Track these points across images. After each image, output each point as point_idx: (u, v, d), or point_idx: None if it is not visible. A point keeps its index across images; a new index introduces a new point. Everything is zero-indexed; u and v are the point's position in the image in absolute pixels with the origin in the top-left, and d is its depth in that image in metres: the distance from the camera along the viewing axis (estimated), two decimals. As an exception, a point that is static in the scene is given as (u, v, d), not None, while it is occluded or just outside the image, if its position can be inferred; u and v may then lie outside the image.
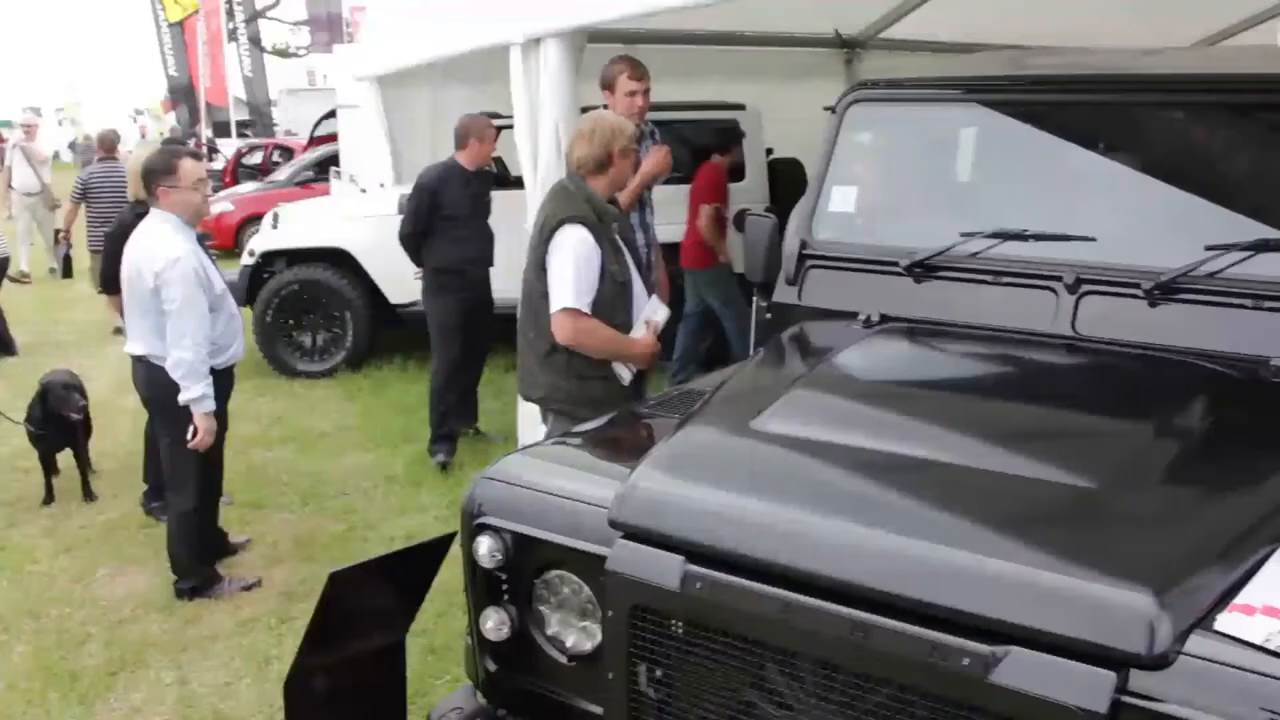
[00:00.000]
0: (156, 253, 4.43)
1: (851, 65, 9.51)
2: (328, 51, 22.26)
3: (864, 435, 2.33)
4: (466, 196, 6.52)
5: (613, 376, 3.98)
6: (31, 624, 4.64)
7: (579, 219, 3.86)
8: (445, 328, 6.68)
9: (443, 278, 6.63)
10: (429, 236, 6.57)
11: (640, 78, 5.07)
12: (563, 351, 3.92)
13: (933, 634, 1.84)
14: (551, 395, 4.04)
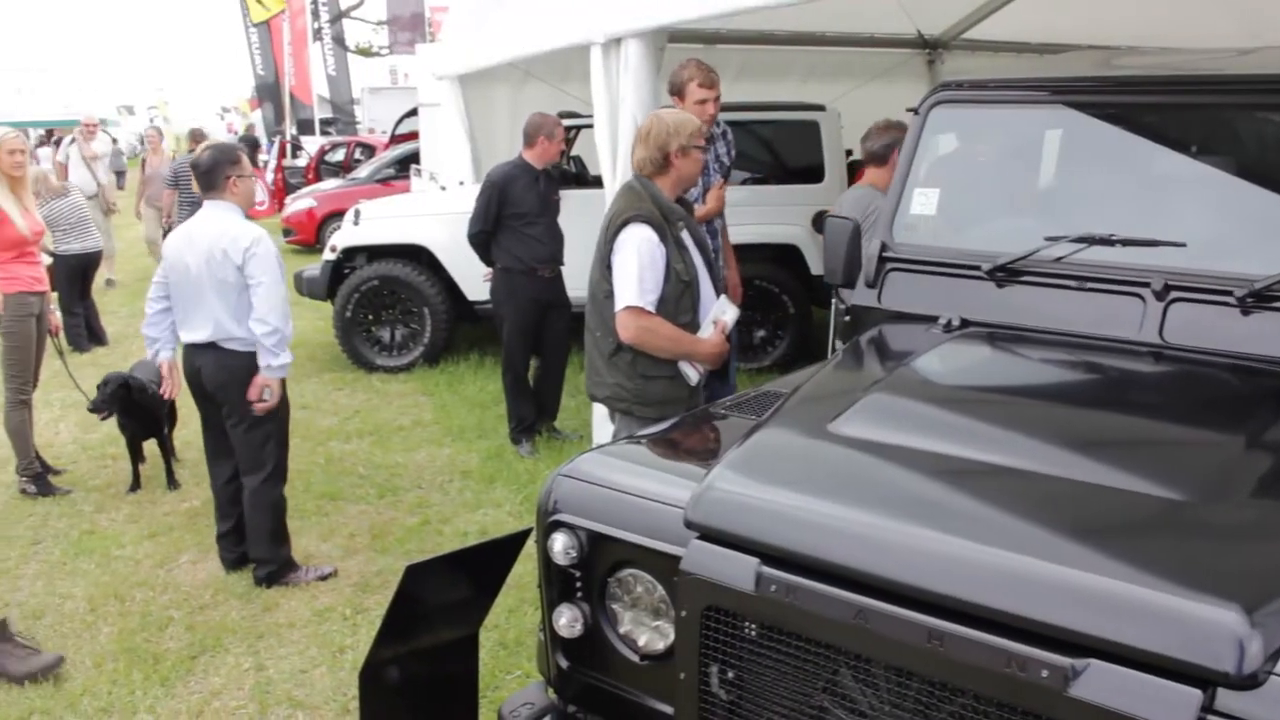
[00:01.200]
0: (239, 233, 4.63)
1: (933, 66, 9.42)
2: (410, 51, 22.51)
3: (943, 441, 2.30)
4: (535, 195, 6.55)
5: (678, 376, 3.97)
6: (117, 606, 4.76)
7: (644, 218, 3.87)
8: (516, 328, 6.75)
9: (513, 277, 6.68)
10: (498, 235, 6.63)
11: (711, 85, 5.05)
12: (628, 351, 3.93)
13: (1011, 644, 1.80)
14: (616, 395, 4.05)
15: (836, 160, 8.50)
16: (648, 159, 3.98)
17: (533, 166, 6.59)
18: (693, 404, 3.94)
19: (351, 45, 33.16)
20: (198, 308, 4.71)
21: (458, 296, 8.85)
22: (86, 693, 4.03)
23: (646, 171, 3.99)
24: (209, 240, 4.64)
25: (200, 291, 4.68)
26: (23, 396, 6.14)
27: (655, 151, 3.94)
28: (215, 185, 4.76)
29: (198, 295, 4.69)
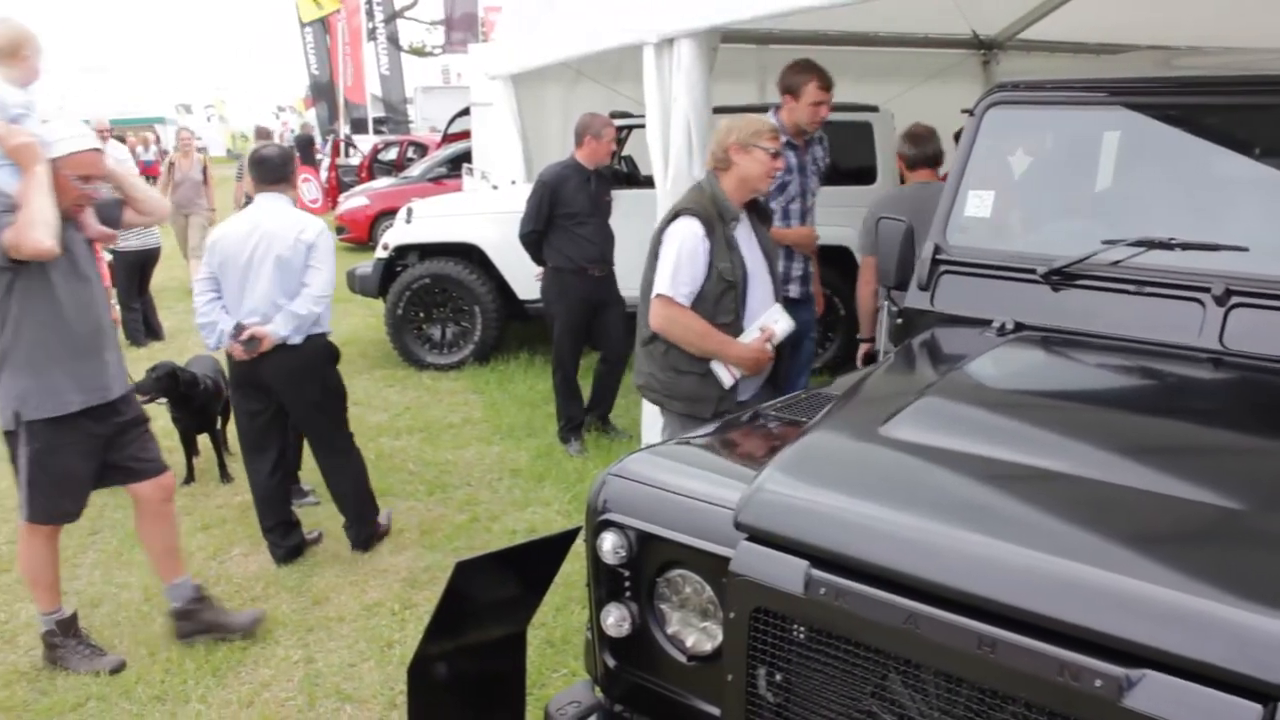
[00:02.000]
0: (310, 221, 5.00)
1: (989, 67, 9.32)
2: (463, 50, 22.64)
3: (996, 445, 2.28)
4: (586, 195, 6.59)
5: (710, 374, 3.97)
6: (171, 598, 4.83)
7: (695, 212, 3.92)
8: (566, 327, 6.80)
9: (564, 276, 6.71)
10: (549, 235, 6.67)
11: (829, 87, 5.13)
12: (661, 341, 3.97)
13: (1064, 652, 1.78)
14: (649, 384, 4.10)
15: (889, 162, 8.43)
16: (711, 155, 4.07)
17: (584, 166, 6.63)
18: (724, 406, 3.93)
19: (405, 45, 33.42)
20: (251, 292, 4.88)
21: (508, 295, 8.90)
22: (141, 681, 4.10)
23: (710, 165, 4.07)
24: (284, 228, 4.86)
25: (260, 277, 4.85)
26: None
27: (716, 147, 4.01)
28: (286, 179, 5.04)
29: (257, 281, 4.86)
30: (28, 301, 3.86)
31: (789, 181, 5.25)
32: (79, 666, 4.17)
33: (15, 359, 3.92)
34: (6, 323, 3.89)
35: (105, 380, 4.06)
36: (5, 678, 4.16)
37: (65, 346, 3.92)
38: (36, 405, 3.92)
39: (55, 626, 4.21)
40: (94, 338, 4.03)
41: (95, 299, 4.08)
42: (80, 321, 3.97)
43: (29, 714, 3.92)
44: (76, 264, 3.98)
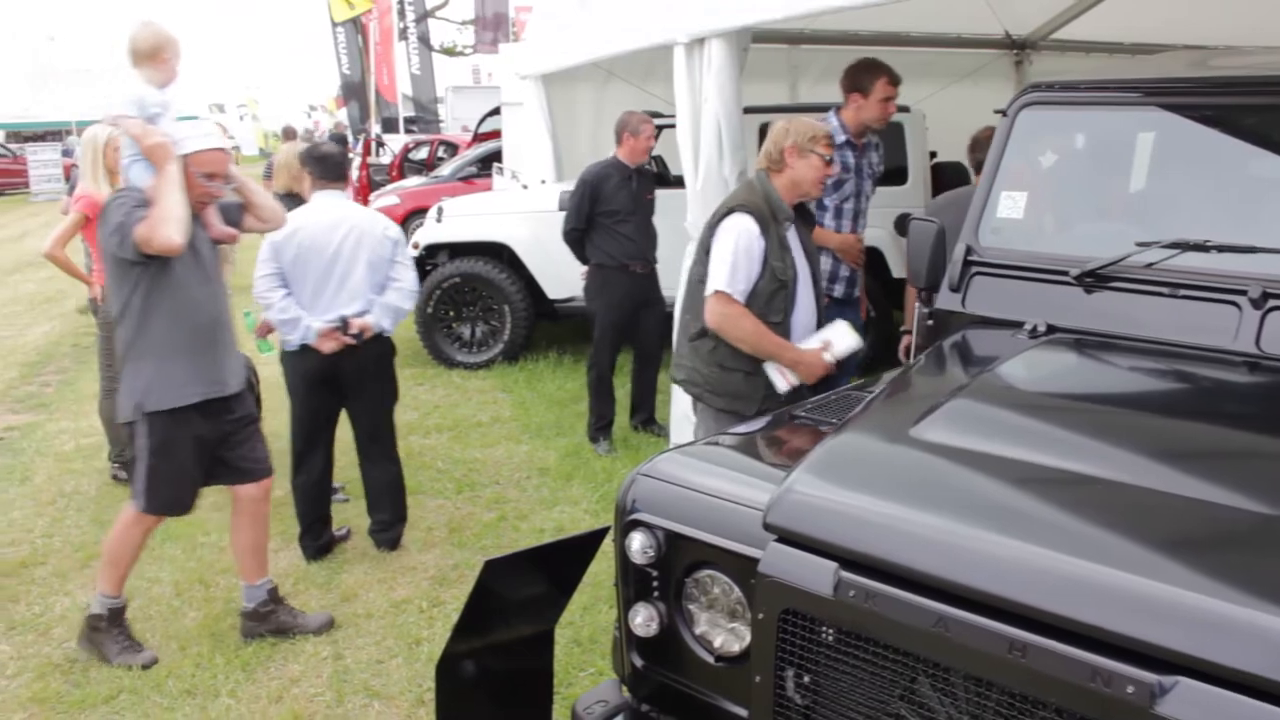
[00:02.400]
0: (383, 219, 5.21)
1: (1021, 67, 9.26)
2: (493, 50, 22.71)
3: (1028, 448, 2.26)
4: (627, 193, 6.63)
5: (754, 373, 3.96)
6: (202, 592, 4.88)
7: (748, 209, 3.92)
8: (606, 323, 6.83)
9: (606, 273, 6.77)
10: (591, 233, 6.72)
11: (897, 83, 5.16)
12: (710, 338, 3.96)
13: (1095, 657, 1.76)
14: (690, 379, 4.09)
15: (920, 162, 8.40)
16: (764, 153, 4.07)
17: (625, 164, 6.69)
18: (765, 406, 3.92)
19: (436, 45, 33.55)
20: (343, 287, 4.95)
21: (538, 294, 8.93)
22: (171, 674, 4.14)
23: (763, 165, 4.07)
24: (370, 223, 5.02)
25: (349, 272, 4.95)
26: (116, 385, 6.30)
27: (771, 146, 4.02)
28: (344, 176, 5.17)
29: (349, 275, 4.94)
30: (154, 295, 3.98)
31: (845, 180, 5.24)
32: (113, 657, 4.20)
33: (139, 351, 4.04)
34: (132, 315, 4.01)
35: (223, 374, 4.17)
36: (39, 670, 4.20)
37: (186, 340, 4.04)
38: (158, 397, 4.02)
39: (106, 612, 4.25)
40: (213, 332, 4.14)
41: (217, 295, 4.19)
42: (201, 316, 4.08)
43: (62, 705, 3.96)
44: (200, 261, 4.09)
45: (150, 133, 3.93)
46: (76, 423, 7.61)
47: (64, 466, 6.67)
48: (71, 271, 6.42)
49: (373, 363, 5.09)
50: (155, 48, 4.22)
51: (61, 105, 38.41)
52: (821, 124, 4.12)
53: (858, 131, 5.22)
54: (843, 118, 5.24)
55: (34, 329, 11.19)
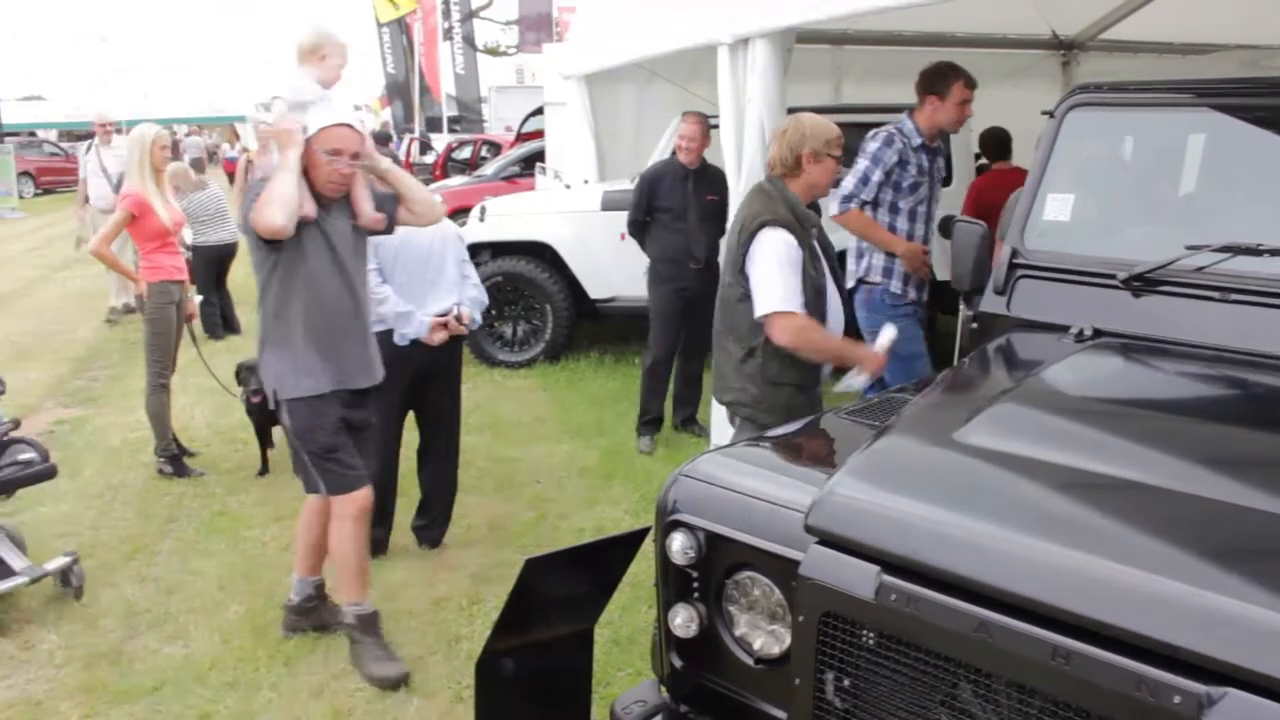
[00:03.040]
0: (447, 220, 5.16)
1: (1068, 68, 9.17)
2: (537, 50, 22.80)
3: (1074, 454, 2.24)
4: (682, 192, 6.77)
5: (805, 385, 3.94)
6: (245, 585, 4.93)
7: (780, 222, 3.83)
8: (657, 316, 7.00)
9: (659, 267, 6.97)
10: (651, 228, 6.95)
11: (974, 86, 5.15)
12: (758, 356, 3.90)
13: (1141, 666, 1.74)
14: (740, 400, 4.02)
15: (964, 164, 8.34)
16: (778, 159, 3.97)
17: (681, 165, 6.84)
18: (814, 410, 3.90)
19: (480, 45, 33.73)
20: (436, 285, 5.03)
21: (580, 294, 8.94)
22: (214, 667, 4.19)
23: (777, 171, 3.98)
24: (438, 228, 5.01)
25: (442, 268, 5.04)
26: (162, 381, 6.40)
27: (787, 152, 3.92)
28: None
29: (443, 269, 5.04)
30: (287, 281, 3.94)
31: (920, 184, 5.21)
32: (366, 668, 4.11)
33: (274, 338, 4.03)
34: (268, 300, 4.00)
35: (353, 366, 4.10)
36: (86, 659, 4.26)
37: (317, 329, 3.98)
38: (293, 384, 4.00)
39: (355, 620, 4.19)
40: (345, 324, 4.06)
41: (353, 286, 4.08)
42: (334, 306, 4.01)
43: (108, 695, 4.01)
44: (335, 249, 4.00)
45: (283, 118, 3.91)
46: (124, 417, 7.71)
47: (112, 460, 6.77)
48: (118, 268, 6.51)
49: (457, 359, 5.24)
50: (315, 45, 4.16)
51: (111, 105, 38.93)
52: (829, 123, 4.01)
53: (931, 135, 5.18)
54: (917, 120, 5.20)
55: (84, 325, 11.35)
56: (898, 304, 5.25)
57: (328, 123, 3.92)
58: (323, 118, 3.93)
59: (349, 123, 3.99)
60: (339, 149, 3.90)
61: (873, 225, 5.13)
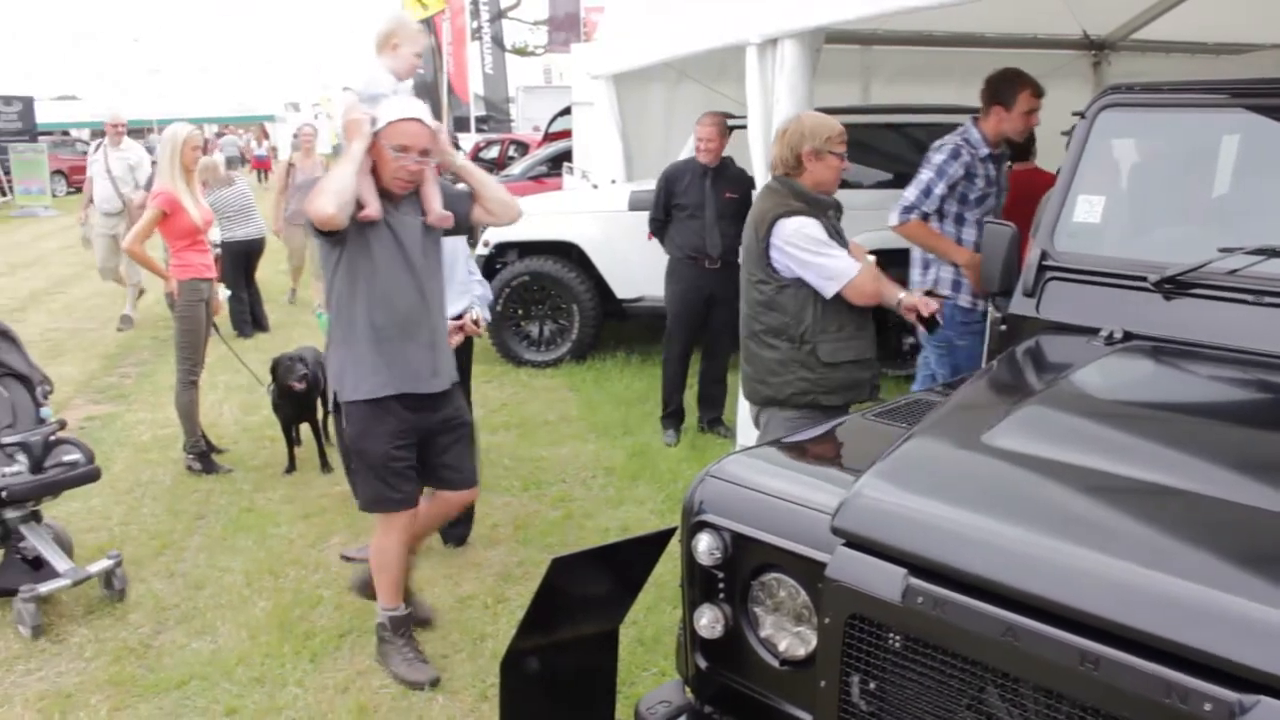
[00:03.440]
0: None
1: (1100, 68, 9.09)
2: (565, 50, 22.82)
3: (1103, 457, 2.22)
4: (699, 190, 6.80)
5: (860, 360, 4.01)
6: (272, 582, 4.96)
7: (793, 211, 3.90)
8: (672, 312, 7.07)
9: (674, 264, 7.02)
10: (670, 225, 6.99)
11: (1041, 94, 5.05)
12: (809, 341, 3.94)
13: (1171, 673, 1.73)
14: (800, 390, 4.03)
15: (994, 164, 8.29)
16: (779, 158, 4.02)
17: (700, 163, 6.86)
18: (875, 384, 4.08)
19: (508, 45, 33.80)
20: (450, 286, 4.84)
21: (607, 294, 8.94)
22: (241, 662, 4.21)
23: (779, 171, 4.01)
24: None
25: (454, 270, 4.98)
26: (192, 378, 6.45)
27: (788, 151, 3.96)
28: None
29: (451, 274, 4.91)
30: (350, 278, 3.83)
31: (989, 195, 5.09)
32: (394, 668, 4.10)
33: (337, 336, 3.94)
34: (334, 299, 3.90)
35: (418, 369, 3.92)
36: (115, 653, 4.30)
37: (380, 329, 3.84)
38: (352, 386, 3.89)
39: (387, 620, 4.14)
40: (412, 324, 3.89)
41: (420, 285, 3.90)
42: (398, 305, 3.85)
43: (136, 689, 4.05)
44: (402, 246, 3.85)
45: (352, 109, 3.81)
46: (154, 414, 7.78)
47: (141, 457, 6.82)
48: (150, 266, 6.56)
49: (468, 360, 5.24)
50: (388, 33, 4.02)
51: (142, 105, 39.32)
52: (830, 121, 4.00)
53: (996, 143, 5.08)
54: (983, 129, 5.06)
55: (115, 322, 11.44)
56: (968, 320, 5.06)
57: (396, 117, 3.77)
58: (392, 111, 3.80)
59: (418, 117, 3.82)
60: (406, 145, 3.76)
61: (933, 235, 4.99)
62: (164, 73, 59.02)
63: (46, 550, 4.59)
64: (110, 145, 11.07)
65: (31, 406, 4.83)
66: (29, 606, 4.37)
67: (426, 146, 3.81)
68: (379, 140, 3.76)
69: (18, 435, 4.63)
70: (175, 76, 57.16)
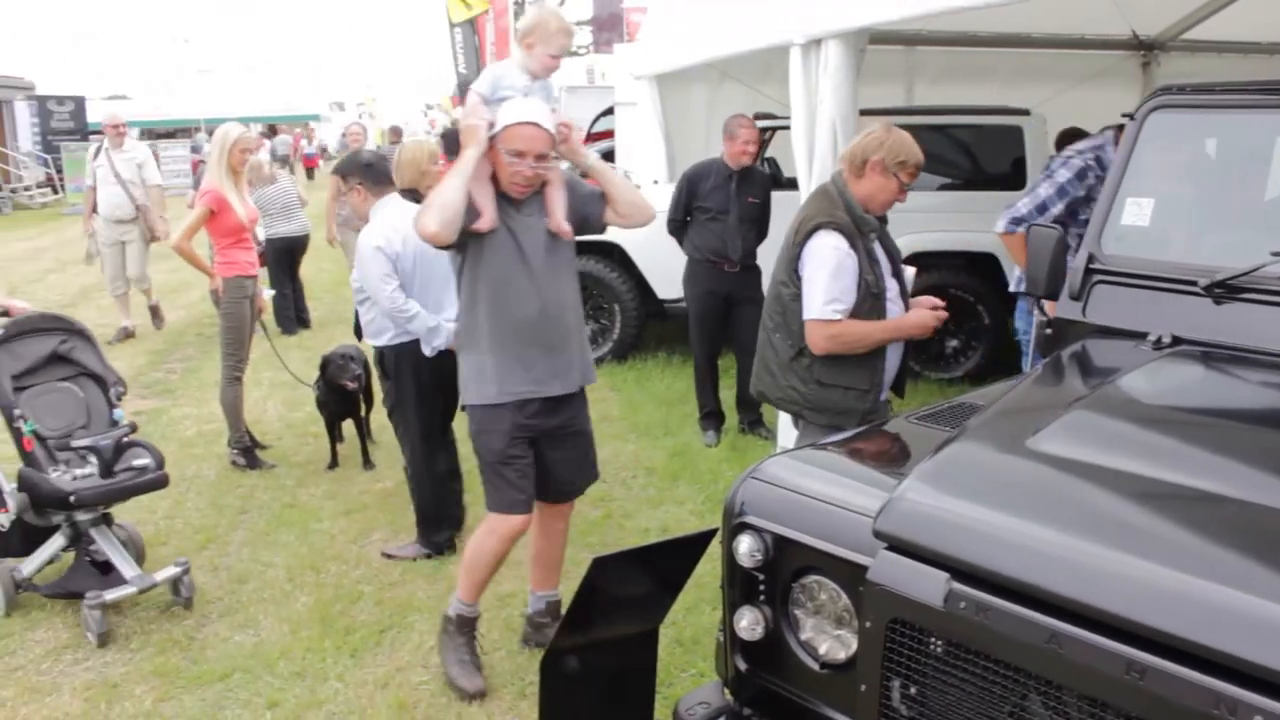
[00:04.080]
0: None
1: (1149, 69, 8.99)
2: (608, 50, 22.84)
3: (1151, 463, 2.19)
4: (723, 192, 6.74)
5: (854, 388, 3.90)
6: (313, 577, 5.00)
7: (836, 225, 3.80)
8: (692, 315, 7.07)
9: (693, 266, 7.00)
10: (690, 227, 6.93)
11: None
12: (807, 356, 3.89)
13: (1220, 684, 1.70)
14: (788, 398, 4.02)
15: (1040, 167, 8.20)
16: (848, 156, 3.94)
17: (726, 165, 6.78)
18: (871, 417, 3.86)
19: (552, 45, 33.79)
20: (446, 290, 4.87)
21: (648, 294, 8.94)
22: (283, 656, 4.25)
23: (843, 167, 3.95)
24: None
25: (447, 276, 4.87)
26: (237, 374, 6.51)
27: (859, 152, 3.88)
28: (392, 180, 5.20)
29: (446, 278, 4.89)
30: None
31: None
32: (447, 666, 4.06)
33: (463, 342, 3.89)
34: (462, 305, 3.84)
35: (544, 374, 3.83)
36: (161, 645, 4.36)
37: (502, 333, 3.75)
38: (474, 392, 3.84)
39: (455, 615, 4.08)
40: (536, 329, 3.78)
41: (541, 290, 3.76)
42: (521, 310, 3.73)
43: (180, 680, 4.10)
44: (522, 250, 3.72)
45: (471, 112, 3.67)
46: (199, 409, 7.88)
47: (186, 451, 6.90)
48: (196, 263, 6.63)
49: None
50: (526, 30, 3.80)
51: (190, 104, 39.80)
52: (919, 152, 3.90)
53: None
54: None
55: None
56: None
57: (512, 120, 3.61)
58: (509, 114, 3.62)
59: (535, 121, 3.63)
60: (521, 150, 3.60)
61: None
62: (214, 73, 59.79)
63: (115, 556, 4.60)
64: (112, 148, 10.35)
65: (105, 407, 4.85)
66: (95, 613, 4.37)
67: (543, 151, 3.65)
68: (495, 144, 3.64)
69: (90, 438, 4.63)
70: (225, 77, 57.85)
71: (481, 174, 3.64)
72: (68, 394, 4.79)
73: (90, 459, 4.60)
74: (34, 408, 4.63)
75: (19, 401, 4.56)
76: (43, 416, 4.65)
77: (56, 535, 4.67)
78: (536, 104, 3.69)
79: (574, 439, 4.07)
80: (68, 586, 4.61)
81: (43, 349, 4.79)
